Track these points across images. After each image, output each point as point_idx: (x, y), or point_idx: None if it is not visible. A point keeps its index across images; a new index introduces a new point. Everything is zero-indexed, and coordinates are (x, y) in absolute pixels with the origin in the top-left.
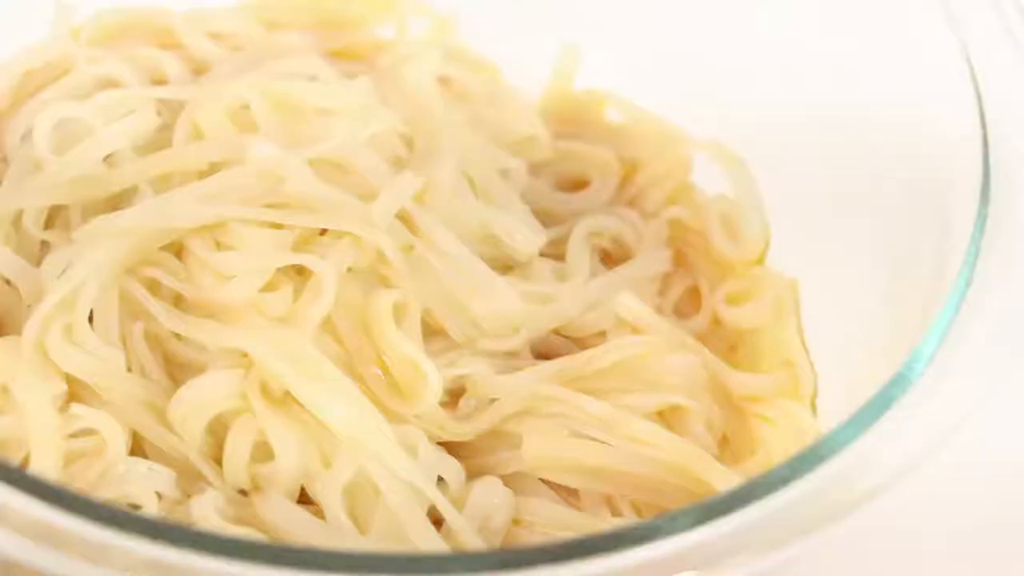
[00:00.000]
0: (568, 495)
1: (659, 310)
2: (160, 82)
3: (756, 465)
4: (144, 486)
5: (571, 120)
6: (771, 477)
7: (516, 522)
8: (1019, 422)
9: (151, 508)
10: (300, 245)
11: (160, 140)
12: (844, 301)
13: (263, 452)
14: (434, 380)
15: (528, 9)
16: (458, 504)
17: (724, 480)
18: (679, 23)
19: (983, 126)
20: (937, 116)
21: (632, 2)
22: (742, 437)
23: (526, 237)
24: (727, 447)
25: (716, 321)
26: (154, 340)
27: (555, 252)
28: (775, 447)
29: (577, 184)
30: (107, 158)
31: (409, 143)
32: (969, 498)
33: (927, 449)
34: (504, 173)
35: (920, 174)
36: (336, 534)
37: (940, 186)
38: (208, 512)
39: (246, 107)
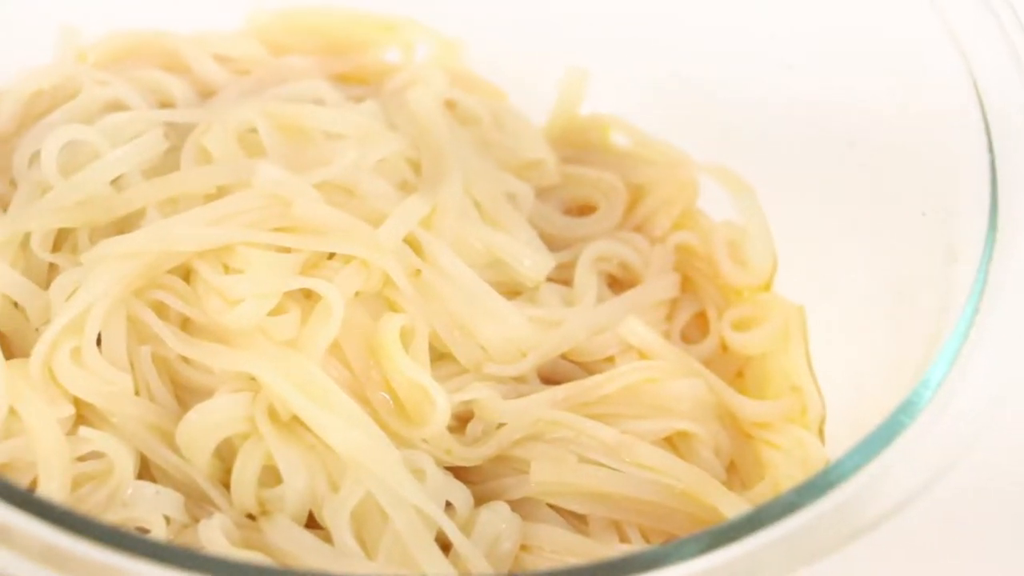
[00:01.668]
0: (576, 521)
1: (666, 335)
2: (167, 105)
3: (764, 491)
4: (152, 509)
5: (577, 144)
6: (779, 504)
7: (524, 547)
8: None
9: (159, 532)
10: (308, 269)
11: (167, 163)
12: (851, 327)
13: (271, 476)
14: (442, 404)
15: (534, 33)
16: (466, 529)
17: (732, 506)
18: (685, 48)
19: (991, 152)
20: (945, 143)
21: (638, 27)
22: (750, 463)
23: (534, 262)
24: (735, 473)
25: (723, 347)
26: (162, 363)
27: (562, 277)
28: (783, 473)
29: (584, 209)
30: (115, 181)
31: (416, 167)
32: (974, 520)
33: (934, 476)
34: (511, 197)
35: (927, 200)
36: (344, 559)
37: (947, 213)
38: (216, 536)
39: (253, 131)
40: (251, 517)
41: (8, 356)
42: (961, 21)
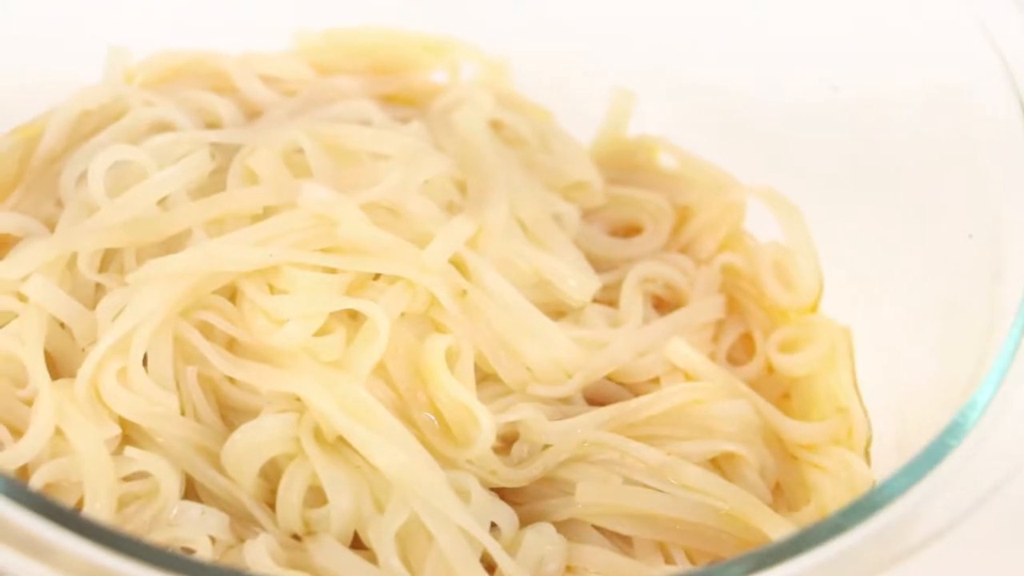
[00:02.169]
0: (621, 542)
1: (713, 357)
2: (214, 125)
3: (810, 513)
4: (197, 530)
5: (624, 166)
6: (825, 526)
7: (569, 569)
8: None
9: (204, 552)
10: (353, 289)
11: (214, 183)
12: (898, 348)
13: (316, 496)
14: (487, 425)
15: (580, 55)
16: (511, 550)
17: (777, 528)
18: (730, 68)
19: None
20: (990, 164)
21: (684, 49)
22: (796, 485)
23: (580, 283)
24: (780, 495)
25: (769, 368)
26: (207, 383)
27: (608, 298)
28: (829, 495)
29: (630, 230)
30: (161, 201)
31: (462, 188)
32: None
33: (981, 497)
34: (557, 218)
35: (973, 221)
36: None
37: (993, 234)
38: (261, 556)
39: (300, 151)
40: (296, 537)
41: (54, 376)
42: (1008, 43)
